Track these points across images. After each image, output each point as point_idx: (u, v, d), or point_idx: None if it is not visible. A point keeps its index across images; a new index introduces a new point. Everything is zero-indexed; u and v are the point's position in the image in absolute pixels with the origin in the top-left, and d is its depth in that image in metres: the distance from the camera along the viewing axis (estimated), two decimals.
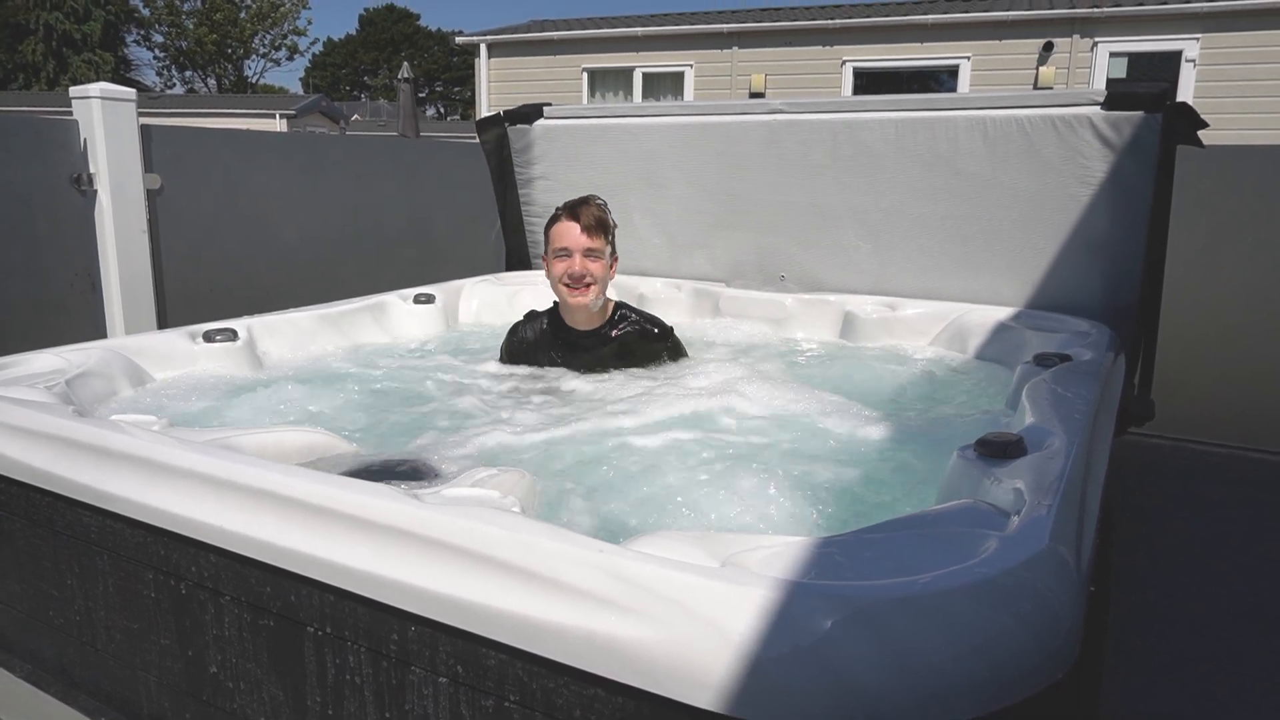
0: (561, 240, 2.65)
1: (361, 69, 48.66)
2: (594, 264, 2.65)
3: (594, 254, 2.65)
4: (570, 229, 2.65)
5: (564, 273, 2.65)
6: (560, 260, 2.66)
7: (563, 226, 2.67)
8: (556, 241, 2.67)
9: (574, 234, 2.63)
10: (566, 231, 2.65)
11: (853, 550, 1.16)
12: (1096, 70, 10.40)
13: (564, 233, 2.66)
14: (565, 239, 2.65)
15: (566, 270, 2.64)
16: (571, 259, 2.64)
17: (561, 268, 2.66)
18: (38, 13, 33.27)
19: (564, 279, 2.66)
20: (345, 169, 5.44)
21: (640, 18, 13.90)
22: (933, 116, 3.21)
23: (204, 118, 21.57)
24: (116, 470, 1.59)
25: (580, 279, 2.63)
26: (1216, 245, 4.03)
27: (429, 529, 1.23)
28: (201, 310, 4.11)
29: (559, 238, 2.67)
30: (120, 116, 4.07)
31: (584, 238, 2.62)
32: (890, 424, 2.26)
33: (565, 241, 2.64)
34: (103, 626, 1.69)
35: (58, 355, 2.35)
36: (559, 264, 2.67)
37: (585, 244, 2.63)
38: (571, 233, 2.64)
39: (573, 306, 2.70)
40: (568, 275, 2.64)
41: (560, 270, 2.66)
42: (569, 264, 2.64)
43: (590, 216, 2.64)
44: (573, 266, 2.63)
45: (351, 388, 2.64)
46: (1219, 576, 2.66)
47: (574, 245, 2.63)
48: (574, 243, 2.63)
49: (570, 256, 2.64)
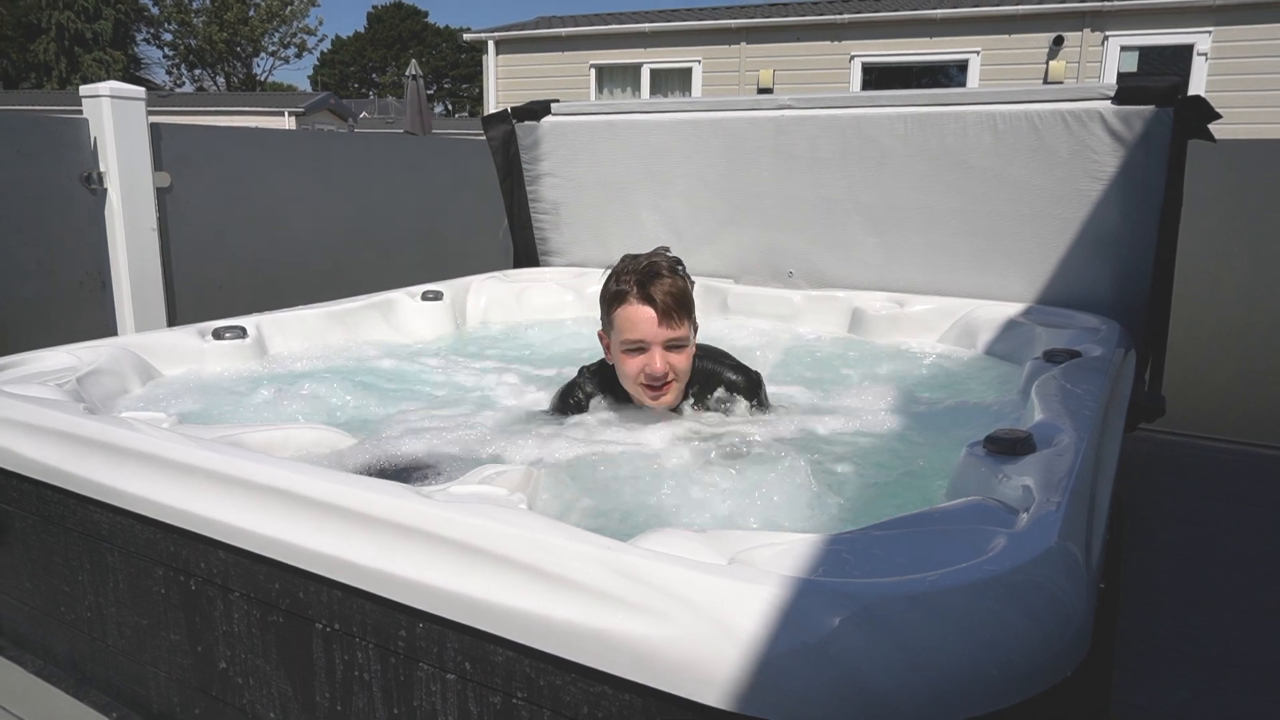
0: (633, 330, 1.98)
1: (370, 66, 48.73)
2: (677, 357, 2.00)
3: (677, 345, 2.00)
4: (643, 317, 1.96)
5: (640, 370, 2.01)
6: (632, 355, 2.01)
7: (633, 312, 1.97)
8: (626, 330, 1.99)
9: (650, 324, 1.96)
10: (639, 320, 1.97)
11: (861, 547, 1.16)
12: (1107, 64, 10.33)
13: (636, 322, 1.97)
14: (638, 329, 1.97)
15: (643, 370, 2.01)
16: (649, 355, 1.99)
17: (636, 366, 2.01)
18: (49, 12, 33.44)
19: (640, 377, 2.03)
20: (354, 166, 5.45)
21: (648, 13, 13.87)
22: (942, 111, 3.19)
23: (213, 115, 21.64)
24: (127, 467, 1.60)
25: (662, 380, 2.00)
26: (1227, 240, 3.99)
27: (436, 526, 1.23)
28: (211, 308, 4.13)
29: (629, 326, 1.99)
30: (130, 115, 4.08)
31: (664, 329, 1.96)
32: (899, 420, 2.25)
33: (639, 333, 1.98)
34: (113, 622, 1.70)
35: (69, 353, 2.36)
36: (631, 360, 2.02)
37: (666, 336, 1.97)
38: (646, 323, 1.96)
39: (652, 407, 2.09)
40: (646, 375, 2.01)
41: (634, 367, 2.02)
42: (646, 362, 1.99)
43: (666, 295, 1.96)
44: (653, 366, 1.98)
45: (360, 385, 2.65)
46: (1230, 572, 2.65)
47: (651, 338, 1.97)
48: (651, 335, 1.97)
49: (648, 351, 1.99)
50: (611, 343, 2.10)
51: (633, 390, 2.08)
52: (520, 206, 4.29)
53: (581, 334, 3.70)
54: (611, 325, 2.06)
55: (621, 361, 2.05)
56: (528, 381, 2.71)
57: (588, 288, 4.06)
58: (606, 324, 2.10)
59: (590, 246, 4.25)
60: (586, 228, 4.21)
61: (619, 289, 2.02)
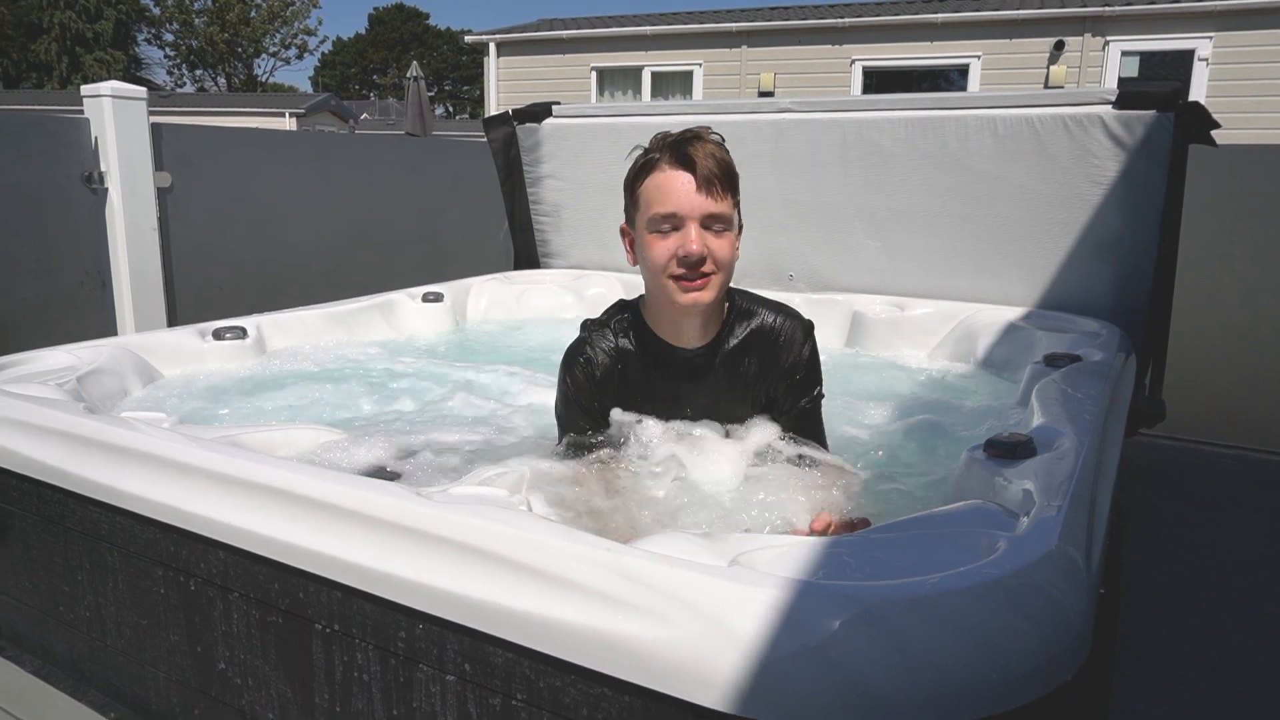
0: (664, 201, 1.61)
1: (371, 68, 48.80)
2: (717, 240, 1.62)
3: (718, 223, 1.63)
4: (678, 183, 1.60)
5: (671, 256, 1.61)
6: (662, 236, 1.62)
7: (664, 179, 1.62)
8: (655, 203, 1.62)
9: (685, 192, 1.60)
10: (672, 188, 1.61)
11: (861, 550, 1.16)
12: (1108, 69, 10.34)
13: (668, 190, 1.61)
14: (671, 199, 1.60)
15: (678, 251, 1.61)
16: (684, 232, 1.60)
17: (667, 248, 1.62)
18: (50, 12, 33.49)
19: (671, 266, 1.62)
20: (354, 168, 5.45)
21: (649, 16, 13.90)
22: (943, 115, 3.19)
23: (214, 116, 21.66)
24: (127, 467, 1.60)
25: (698, 265, 1.61)
26: (1229, 245, 4.00)
27: (437, 527, 1.23)
28: (211, 308, 4.13)
29: (659, 197, 1.62)
30: (131, 115, 4.09)
31: (703, 199, 1.60)
32: (899, 424, 2.25)
33: (672, 203, 1.60)
34: (112, 623, 1.70)
35: (69, 352, 2.36)
36: (660, 242, 1.62)
37: (706, 207, 1.60)
38: (682, 191, 1.60)
39: (682, 307, 1.65)
40: (679, 260, 1.61)
41: (664, 252, 1.62)
42: (680, 241, 1.60)
43: (708, 158, 1.61)
44: (688, 244, 1.59)
45: (360, 385, 2.65)
46: (1232, 576, 2.65)
47: (687, 209, 1.60)
48: (688, 205, 1.60)
49: (682, 228, 1.61)
50: (636, 230, 1.68)
51: (661, 289, 1.65)
52: (521, 208, 4.29)
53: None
54: (636, 205, 1.66)
55: (648, 247, 1.63)
56: (528, 383, 2.71)
57: (588, 289, 4.07)
58: (630, 208, 1.69)
59: (591, 249, 4.26)
60: (587, 230, 4.21)
61: (648, 158, 1.65)
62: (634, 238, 1.71)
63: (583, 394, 1.75)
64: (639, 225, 1.68)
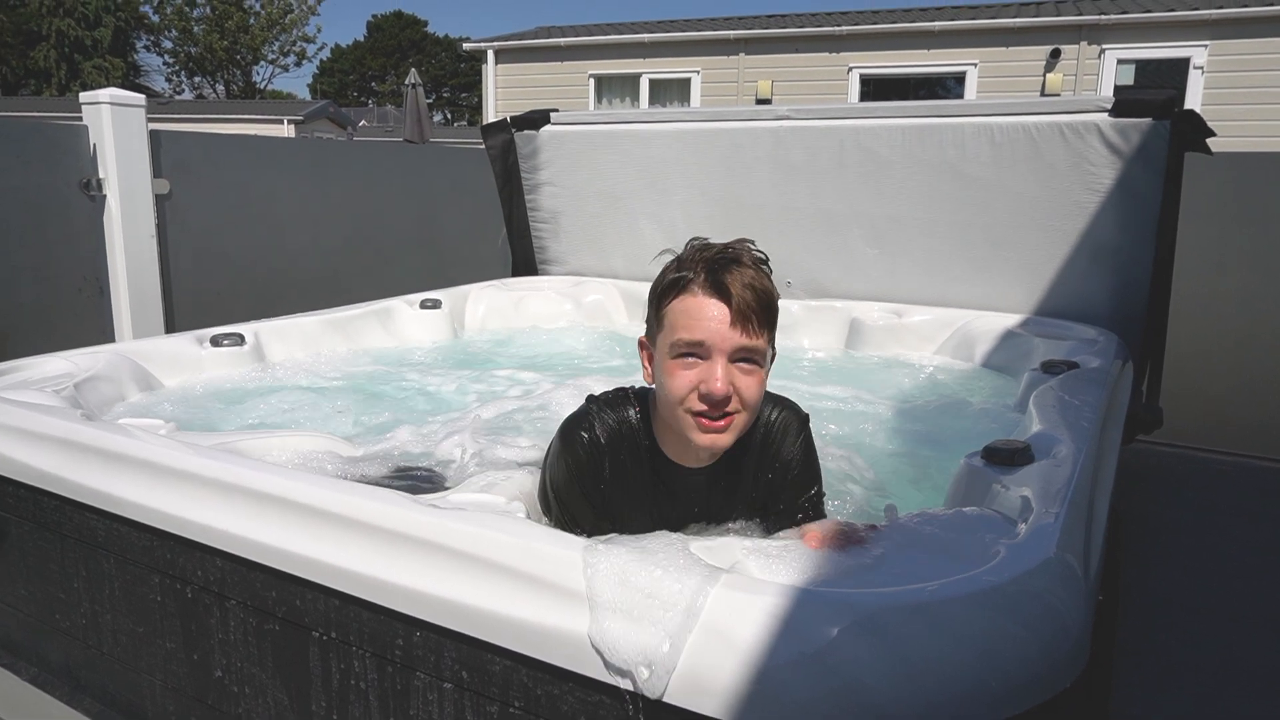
0: (691, 327, 1.41)
1: (369, 75, 48.89)
2: (745, 379, 1.42)
3: (749, 360, 1.42)
4: (709, 311, 1.41)
5: (692, 389, 1.41)
6: (685, 366, 1.42)
7: (695, 305, 1.42)
8: (681, 328, 1.42)
9: (717, 322, 1.40)
10: (702, 315, 1.41)
11: (860, 557, 1.16)
12: (1104, 77, 10.38)
13: (697, 316, 1.41)
14: (699, 327, 1.41)
15: (698, 386, 1.40)
16: (710, 366, 1.40)
17: (688, 380, 1.41)
18: (49, 19, 33.52)
19: (691, 400, 1.42)
20: (353, 174, 5.46)
21: (647, 24, 13.94)
22: (940, 123, 3.20)
23: (212, 123, 21.68)
24: (123, 474, 1.59)
25: (722, 404, 1.41)
26: (1225, 252, 4.01)
27: (434, 534, 1.23)
28: (209, 314, 4.13)
29: (685, 322, 1.42)
30: (129, 122, 4.09)
31: (736, 334, 1.40)
32: (897, 431, 2.25)
33: (699, 331, 1.40)
34: (109, 630, 1.69)
35: (66, 359, 2.36)
36: (682, 372, 1.42)
37: (736, 343, 1.40)
38: (713, 320, 1.40)
39: (699, 446, 1.46)
40: (701, 396, 1.41)
41: (684, 385, 1.41)
42: (704, 375, 1.40)
43: (746, 289, 1.41)
44: (711, 382, 1.39)
45: (358, 392, 2.65)
46: (1231, 582, 2.65)
47: (716, 342, 1.40)
48: (718, 338, 1.40)
49: (708, 360, 1.41)
50: (657, 350, 1.49)
51: (675, 420, 1.45)
52: (519, 215, 4.30)
53: (580, 342, 3.70)
54: (660, 324, 1.47)
55: (668, 374, 1.44)
56: (526, 390, 2.71)
57: (586, 296, 4.07)
58: (654, 325, 1.50)
59: (588, 256, 4.26)
60: (585, 237, 4.22)
61: (679, 275, 1.45)
62: (652, 354, 1.51)
63: (585, 475, 1.53)
64: (660, 345, 1.47)
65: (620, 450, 1.54)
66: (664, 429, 1.53)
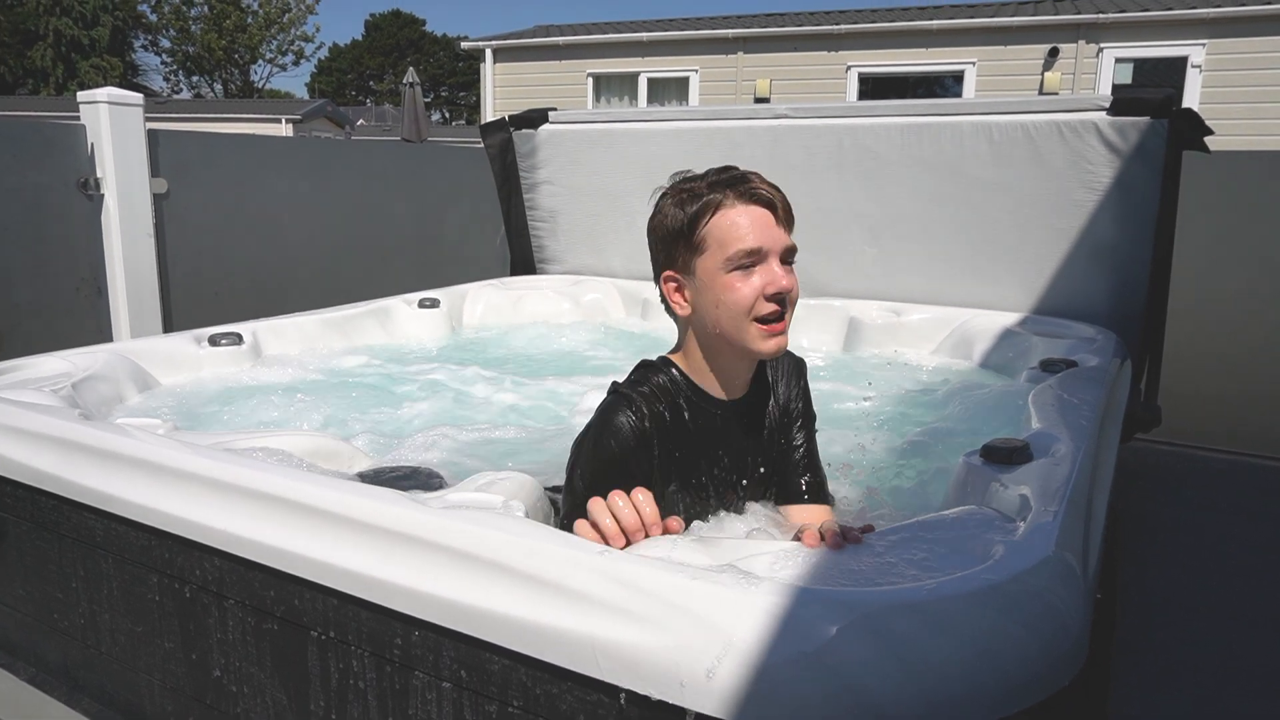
0: (744, 237, 1.45)
1: (367, 74, 48.85)
2: (792, 278, 1.49)
3: (791, 258, 1.51)
4: (757, 216, 1.47)
5: (757, 295, 1.45)
6: (745, 274, 1.46)
7: (739, 214, 1.47)
8: (736, 241, 1.45)
9: (768, 225, 1.47)
10: (752, 222, 1.46)
11: (859, 556, 1.16)
12: (1102, 76, 10.38)
13: (747, 225, 1.46)
14: (754, 233, 1.45)
15: (765, 289, 1.45)
16: (768, 267, 1.46)
17: (753, 286, 1.45)
18: (46, 18, 33.47)
19: (759, 306, 1.46)
20: (351, 173, 5.45)
21: (645, 23, 13.94)
22: (938, 121, 3.20)
23: (210, 122, 21.67)
24: (121, 473, 1.59)
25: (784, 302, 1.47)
26: (1223, 250, 4.01)
27: (432, 533, 1.23)
28: (207, 314, 4.13)
29: (736, 234, 1.46)
30: (127, 121, 4.09)
31: (782, 231, 1.48)
32: (896, 430, 2.25)
33: (755, 238, 1.45)
34: (107, 630, 1.69)
35: (63, 359, 2.36)
36: (744, 283, 1.45)
37: (786, 241, 1.49)
38: (762, 224, 1.47)
39: (762, 352, 1.49)
40: (768, 297, 1.45)
41: (750, 291, 1.45)
42: (767, 278, 1.45)
43: (780, 193, 1.51)
44: (777, 280, 1.45)
45: (356, 392, 2.65)
46: (1230, 581, 2.65)
47: (771, 244, 1.46)
48: (771, 240, 1.47)
49: (764, 263, 1.46)
50: (698, 275, 1.49)
51: (739, 331, 1.47)
52: (517, 214, 4.30)
53: (579, 340, 3.70)
54: (700, 248, 1.48)
55: (728, 289, 1.45)
56: (524, 389, 2.71)
57: (584, 295, 4.07)
58: (687, 252, 1.50)
59: (587, 255, 4.26)
60: (583, 236, 4.22)
61: (707, 198, 1.48)
62: (682, 285, 1.53)
63: (630, 458, 1.47)
64: (704, 268, 1.48)
65: (669, 416, 1.52)
66: (710, 361, 1.56)
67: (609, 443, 1.47)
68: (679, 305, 1.55)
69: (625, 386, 1.56)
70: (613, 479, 1.40)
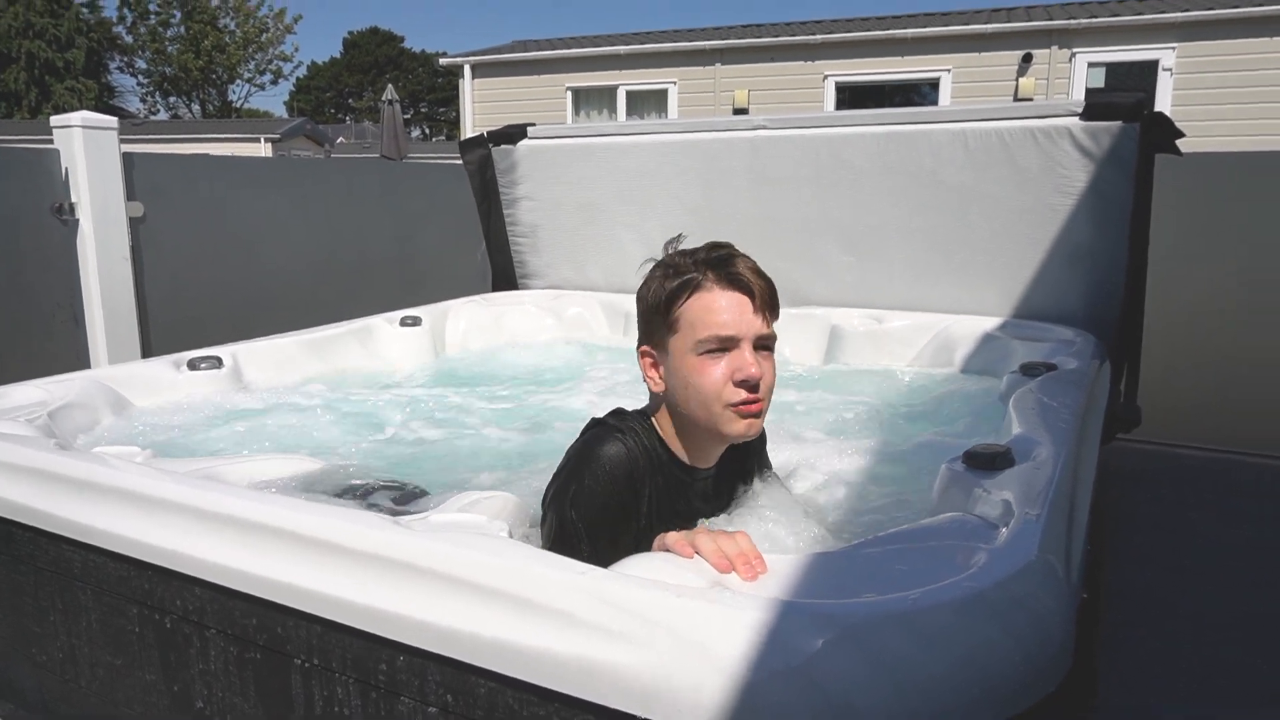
0: (722, 323, 1.46)
1: (346, 92, 48.79)
2: (768, 364, 1.51)
3: (769, 345, 1.52)
4: (733, 302, 1.48)
5: (726, 380, 1.46)
6: (714, 359, 1.46)
7: (713, 299, 1.48)
8: (708, 326, 1.47)
9: (742, 311, 1.47)
10: (726, 307, 1.47)
11: (841, 567, 1.16)
12: (1075, 80, 10.52)
13: (721, 309, 1.47)
14: (726, 319, 1.46)
15: (733, 375, 1.46)
16: (739, 353, 1.46)
17: (721, 371, 1.46)
18: (19, 41, 33.24)
19: (729, 392, 1.46)
20: (330, 192, 5.43)
21: (623, 36, 14.00)
22: (914, 130, 3.23)
23: (189, 143, 21.55)
24: (99, 504, 1.57)
25: (758, 387, 1.47)
26: (1195, 251, 4.06)
27: (414, 556, 1.22)
28: (186, 337, 4.09)
29: (713, 320, 1.47)
30: (102, 145, 4.06)
31: (759, 319, 1.48)
32: (878, 437, 2.26)
33: (731, 326, 1.46)
34: (86, 663, 1.67)
35: (39, 387, 2.33)
36: (714, 367, 1.46)
37: (761, 330, 1.48)
38: (737, 310, 1.47)
39: (734, 436, 1.51)
40: (738, 382, 1.46)
41: (719, 376, 1.46)
42: (736, 363, 1.46)
43: (762, 280, 1.51)
44: (746, 367, 1.45)
45: (338, 413, 2.63)
46: (1213, 579, 2.67)
47: (744, 331, 1.47)
48: (745, 327, 1.47)
49: (734, 350, 1.46)
50: (672, 354, 1.51)
51: (710, 415, 1.48)
52: (498, 230, 4.29)
53: (562, 355, 3.69)
54: (674, 327, 1.49)
55: (697, 372, 1.46)
56: (507, 406, 2.70)
57: (567, 310, 4.07)
58: (662, 330, 1.52)
59: (568, 269, 4.26)
60: (564, 250, 4.22)
61: (687, 277, 1.49)
62: (659, 361, 1.54)
63: (621, 491, 1.47)
64: (677, 348, 1.49)
65: (647, 462, 1.53)
66: (680, 434, 1.56)
67: (601, 469, 1.47)
68: (653, 381, 1.57)
69: (610, 418, 1.58)
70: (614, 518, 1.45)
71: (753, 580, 1.12)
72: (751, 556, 1.16)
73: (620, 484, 1.47)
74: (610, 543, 1.44)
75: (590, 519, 1.45)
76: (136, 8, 38.78)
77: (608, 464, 1.47)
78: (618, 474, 1.47)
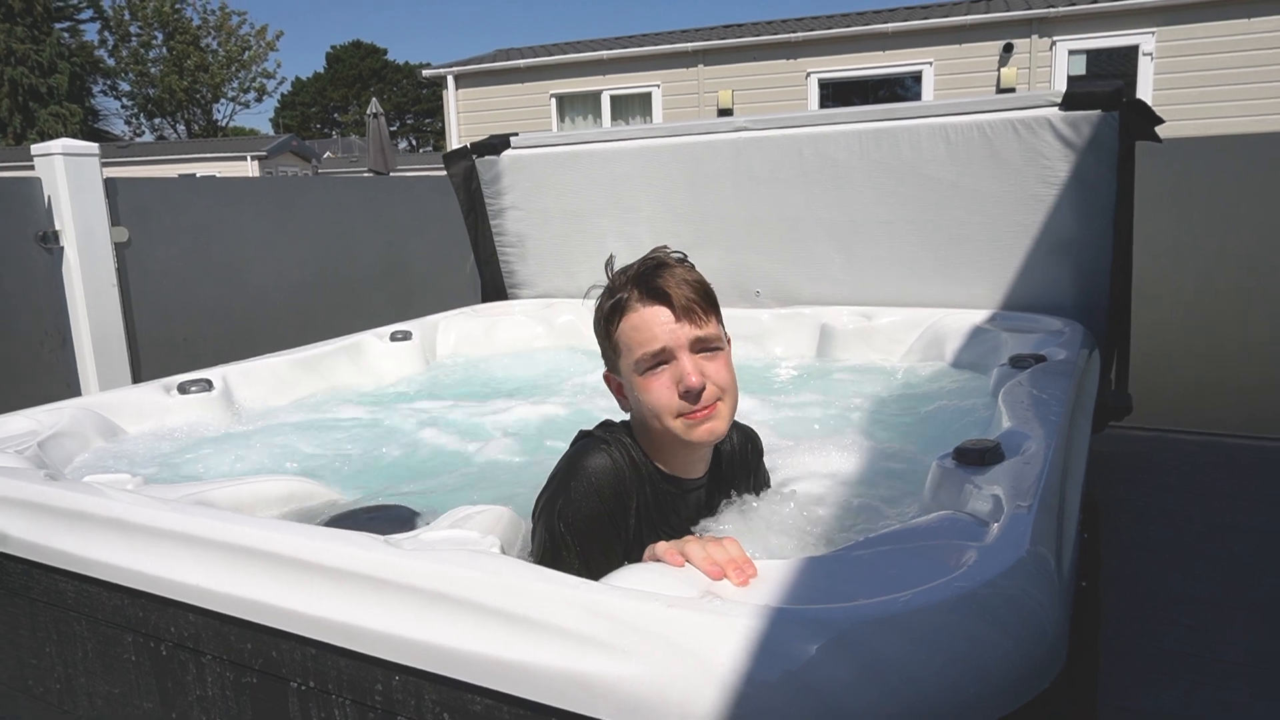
0: (649, 340, 1.48)
1: (331, 106, 48.78)
2: (712, 364, 1.50)
3: (708, 347, 1.51)
4: (655, 317, 1.48)
5: (670, 394, 1.47)
6: (655, 375, 1.49)
7: (641, 317, 1.49)
8: (638, 344, 1.49)
9: (665, 324, 1.48)
10: (649, 323, 1.48)
11: (832, 571, 1.16)
12: (1056, 68, 10.56)
13: (645, 326, 1.49)
14: (652, 333, 1.48)
15: (676, 387, 1.47)
16: (678, 364, 1.47)
17: (664, 385, 1.48)
18: (2, 68, 33.16)
19: (674, 404, 1.47)
20: (316, 210, 5.43)
21: (605, 40, 14.02)
22: (895, 126, 3.24)
23: (176, 164, 21.52)
24: (91, 534, 1.57)
25: (702, 394, 1.46)
26: (1180, 235, 4.08)
27: (405, 576, 1.21)
28: (176, 361, 4.07)
29: (641, 338, 1.49)
30: (84, 172, 4.04)
31: (687, 326, 1.48)
32: (870, 435, 2.26)
33: (659, 339, 1.48)
34: (83, 693, 1.66)
35: (28, 417, 2.32)
36: (655, 381, 1.48)
37: (691, 335, 1.48)
38: (661, 324, 1.48)
39: (696, 444, 1.51)
40: (681, 393, 1.46)
41: (662, 391, 1.48)
42: (676, 374, 1.47)
43: (681, 284, 1.50)
44: (685, 377, 1.46)
45: (330, 432, 2.62)
46: (1208, 566, 2.67)
47: (673, 341, 1.47)
48: (671, 337, 1.47)
49: (673, 361, 1.48)
50: (624, 376, 1.54)
51: (668, 432, 1.49)
52: (485, 241, 4.29)
53: (554, 364, 3.69)
54: (617, 350, 1.53)
55: (644, 391, 1.49)
56: (499, 418, 2.70)
57: (557, 318, 4.06)
58: (610, 354, 1.56)
59: (557, 277, 4.26)
60: (552, 258, 4.22)
61: (615, 299, 1.52)
62: (621, 383, 1.57)
63: (608, 502, 1.47)
64: (625, 370, 1.53)
65: (634, 474, 1.53)
66: (657, 450, 1.56)
67: (588, 481, 1.47)
68: (621, 403, 1.62)
69: (598, 430, 1.58)
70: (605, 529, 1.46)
71: (744, 585, 1.13)
72: (741, 562, 1.16)
73: (607, 496, 1.47)
74: (602, 553, 1.45)
75: (578, 531, 1.45)
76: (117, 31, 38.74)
77: (594, 476, 1.47)
78: (604, 486, 1.47)
